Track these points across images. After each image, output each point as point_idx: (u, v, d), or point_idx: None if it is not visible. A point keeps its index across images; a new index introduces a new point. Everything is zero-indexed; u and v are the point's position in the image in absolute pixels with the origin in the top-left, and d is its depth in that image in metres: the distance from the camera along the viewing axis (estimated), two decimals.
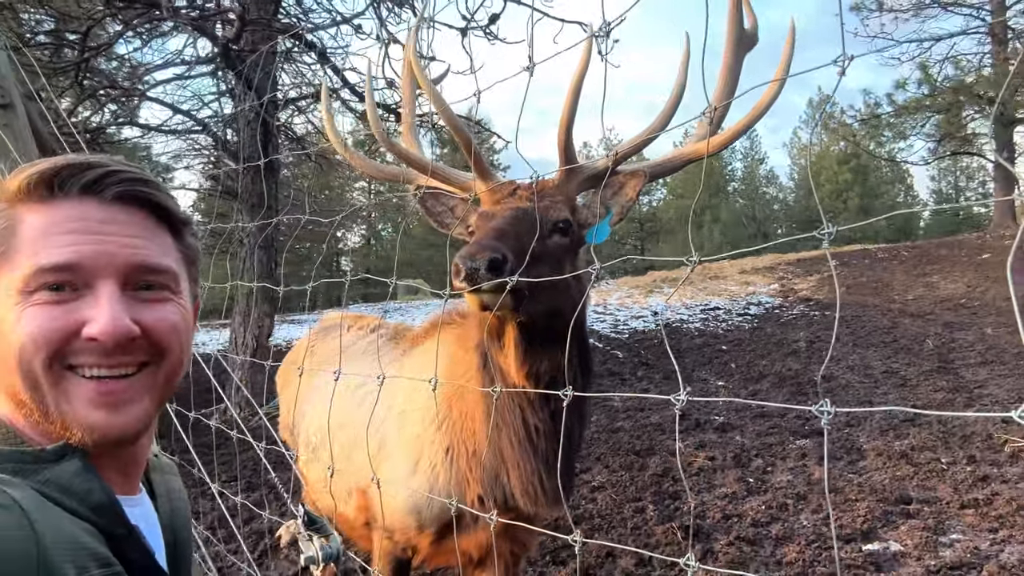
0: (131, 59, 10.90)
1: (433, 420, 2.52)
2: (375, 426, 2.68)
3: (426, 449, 2.53)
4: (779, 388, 9.36)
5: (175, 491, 1.10)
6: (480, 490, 2.42)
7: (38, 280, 0.84)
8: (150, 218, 0.94)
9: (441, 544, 2.57)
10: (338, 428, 2.79)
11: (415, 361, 2.77)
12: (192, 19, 7.18)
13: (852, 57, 0.99)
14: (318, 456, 2.99)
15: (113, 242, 0.88)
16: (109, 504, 0.85)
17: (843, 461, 6.25)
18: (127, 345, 0.88)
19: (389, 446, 2.66)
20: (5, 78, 2.73)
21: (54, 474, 0.82)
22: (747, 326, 15.17)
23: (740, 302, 18.39)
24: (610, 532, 5.06)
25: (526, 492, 2.31)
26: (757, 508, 5.30)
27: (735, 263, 26.47)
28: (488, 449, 2.32)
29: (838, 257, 22.67)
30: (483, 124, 17.58)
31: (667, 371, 10.84)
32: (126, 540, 0.85)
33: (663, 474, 6.23)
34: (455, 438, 2.47)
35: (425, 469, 2.50)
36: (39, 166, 0.87)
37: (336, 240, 39.68)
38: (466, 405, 2.46)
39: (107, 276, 0.87)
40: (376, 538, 2.77)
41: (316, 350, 3.33)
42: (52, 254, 0.85)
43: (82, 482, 0.83)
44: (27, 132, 2.86)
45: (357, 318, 3.44)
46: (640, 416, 8.34)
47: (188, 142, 13.58)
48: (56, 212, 0.87)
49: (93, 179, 0.88)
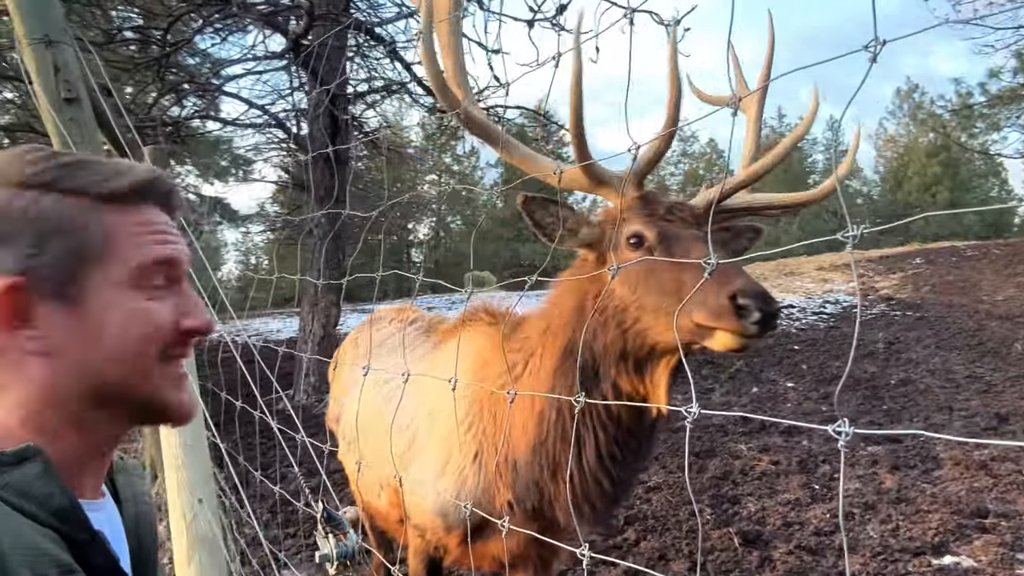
0: (210, 54, 11.30)
1: (461, 422, 2.47)
2: (406, 423, 2.66)
3: (455, 451, 2.48)
4: (852, 391, 8.95)
5: (140, 494, 1.09)
6: (510, 496, 2.35)
7: (152, 273, 0.93)
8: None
9: (470, 546, 2.53)
10: (370, 423, 2.78)
11: (445, 356, 2.72)
12: (262, 14, 7.35)
13: (884, 42, 0.89)
14: (352, 449, 3.00)
15: (180, 242, 1.00)
16: (71, 509, 0.83)
17: (917, 470, 5.91)
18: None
19: (418, 445, 2.63)
20: (72, 73, 2.82)
21: (13, 478, 0.81)
22: (822, 325, 14.60)
23: (816, 300, 17.72)
24: (664, 535, 4.93)
25: (576, 509, 2.22)
26: (821, 516, 5.07)
27: (812, 259, 25.52)
28: (532, 458, 2.23)
29: (924, 255, 21.60)
30: (549, 116, 17.45)
31: (733, 371, 10.53)
32: (89, 546, 0.84)
33: (723, 477, 6.05)
34: (486, 442, 2.40)
35: (453, 471, 2.45)
36: (132, 174, 0.95)
37: (406, 232, 40.27)
38: (502, 412, 2.37)
39: (184, 275, 1.00)
40: (410, 535, 2.76)
41: (360, 342, 3.36)
42: (161, 250, 0.95)
43: (43, 486, 0.82)
44: (92, 124, 2.95)
45: (399, 311, 3.44)
46: (702, 417, 8.07)
47: (267, 136, 14.00)
48: (148, 214, 0.96)
49: (167, 191, 0.99)
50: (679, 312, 1.77)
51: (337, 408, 3.37)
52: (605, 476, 2.17)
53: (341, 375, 3.56)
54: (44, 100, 2.76)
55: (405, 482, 2.63)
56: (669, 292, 1.84)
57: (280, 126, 11.67)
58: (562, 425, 2.16)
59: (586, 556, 1.29)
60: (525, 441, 2.26)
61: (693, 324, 1.78)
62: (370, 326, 3.11)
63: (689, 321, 1.78)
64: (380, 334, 3.30)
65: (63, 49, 2.78)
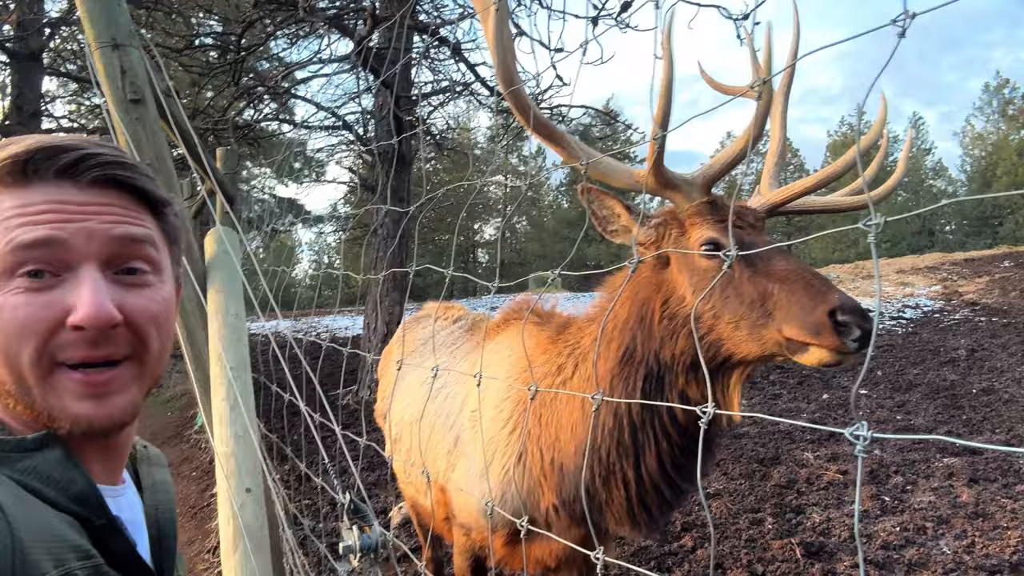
0: (282, 58, 11.65)
1: (505, 423, 2.44)
2: (450, 422, 2.65)
3: (499, 452, 2.44)
4: (931, 400, 8.52)
5: (161, 483, 1.08)
6: (555, 500, 2.30)
7: (16, 260, 0.81)
8: (130, 200, 0.91)
9: (514, 548, 2.50)
10: (415, 421, 2.78)
11: (487, 355, 2.69)
12: (327, 18, 7.51)
13: (914, 15, 0.82)
14: (399, 447, 3.02)
15: (93, 220, 0.86)
16: (90, 494, 0.83)
17: (997, 484, 5.57)
18: (111, 334, 0.85)
19: (463, 444, 2.61)
20: (138, 76, 2.92)
21: (34, 463, 0.81)
22: (900, 331, 13.97)
23: (895, 304, 16.98)
24: (722, 543, 4.79)
25: (627, 516, 2.18)
26: (890, 530, 4.83)
27: (893, 261, 24.52)
28: (581, 462, 2.16)
29: (1013, 257, 20.45)
30: (614, 115, 17.30)
31: (802, 375, 10.18)
32: (107, 531, 0.84)
33: (787, 485, 5.83)
34: (531, 445, 2.35)
35: (497, 472, 2.41)
36: (11, 148, 0.84)
37: (472, 233, 40.60)
38: (549, 414, 2.31)
39: (88, 258, 0.85)
40: (455, 533, 2.75)
41: (407, 339, 3.37)
42: (29, 232, 0.81)
43: (63, 471, 0.82)
44: (157, 126, 3.05)
45: (446, 308, 3.43)
46: (768, 423, 7.88)
47: (338, 138, 14.32)
48: (32, 194, 0.84)
49: (69, 162, 0.85)
50: (764, 324, 1.73)
51: (384, 405, 3.40)
52: (666, 484, 2.11)
53: (388, 372, 3.59)
54: (111, 101, 2.89)
55: (450, 481, 2.63)
56: (752, 303, 1.77)
57: (348, 128, 11.91)
58: (619, 431, 2.09)
59: (600, 560, 1.25)
60: (574, 445, 2.20)
61: (783, 338, 1.71)
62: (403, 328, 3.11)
63: (777, 334, 1.72)
64: (425, 331, 3.31)
65: (130, 52, 2.89)
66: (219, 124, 9.96)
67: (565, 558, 2.49)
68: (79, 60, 12.26)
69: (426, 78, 11.39)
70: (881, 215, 0.85)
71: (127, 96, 2.87)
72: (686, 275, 1.95)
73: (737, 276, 1.80)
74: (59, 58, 12.89)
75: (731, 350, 1.84)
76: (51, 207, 0.83)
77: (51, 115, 14.30)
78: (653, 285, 2.05)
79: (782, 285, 1.72)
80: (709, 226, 1.93)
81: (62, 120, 14.76)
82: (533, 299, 2.82)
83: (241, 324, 2.66)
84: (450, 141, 13.53)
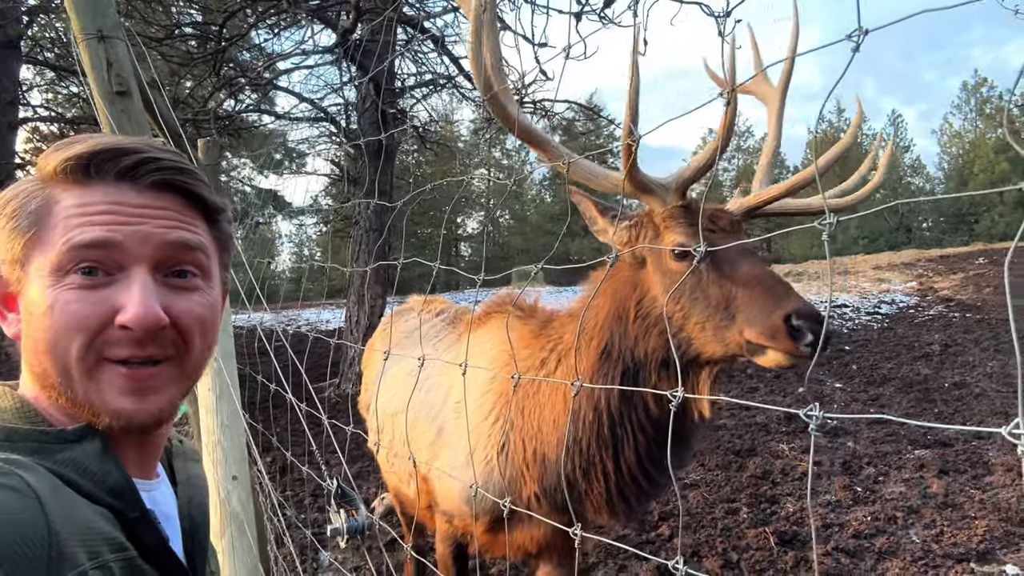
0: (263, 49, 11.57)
1: (488, 414, 2.50)
2: (434, 412, 2.70)
3: (480, 442, 2.50)
4: (904, 394, 8.70)
5: (195, 478, 1.10)
6: (537, 489, 2.37)
7: (72, 259, 0.84)
8: (186, 205, 0.94)
9: (495, 535, 2.56)
10: (398, 412, 2.83)
11: (469, 349, 2.73)
12: (311, 9, 7.49)
13: (867, 31, 0.88)
14: (382, 438, 3.06)
15: (149, 224, 0.88)
16: (126, 487, 0.85)
17: (966, 475, 5.72)
18: (157, 335, 0.87)
19: (446, 435, 2.66)
20: (123, 67, 2.93)
21: (73, 455, 0.83)
22: (876, 326, 14.22)
23: (871, 300, 17.27)
24: (698, 532, 4.90)
25: (606, 505, 2.25)
26: (862, 519, 4.96)
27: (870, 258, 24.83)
28: (562, 454, 2.23)
29: (988, 254, 20.82)
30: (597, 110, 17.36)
31: (779, 370, 10.33)
32: (141, 524, 0.85)
33: (762, 476, 5.96)
34: (513, 434, 2.41)
35: (480, 462, 2.47)
36: (76, 148, 0.86)
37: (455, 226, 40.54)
38: (534, 404, 2.37)
39: (141, 260, 0.87)
40: (438, 520, 2.81)
41: (390, 332, 3.41)
42: (87, 232, 0.84)
43: (100, 464, 0.84)
44: (142, 118, 3.06)
45: (428, 301, 3.48)
46: (745, 415, 8.01)
47: (319, 129, 14.26)
48: (92, 194, 0.86)
49: (130, 165, 0.87)
50: (727, 326, 1.81)
51: (368, 397, 3.44)
52: (643, 476, 2.19)
53: (372, 364, 3.63)
54: (97, 93, 2.90)
55: (433, 470, 2.68)
56: (717, 305, 1.85)
57: (330, 120, 11.88)
58: (599, 425, 2.16)
59: (578, 535, 1.31)
60: (556, 437, 2.26)
61: (743, 339, 1.79)
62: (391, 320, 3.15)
63: (739, 336, 1.79)
64: (408, 324, 3.36)
65: (115, 44, 2.90)
66: (199, 115, 9.89)
67: (546, 544, 2.55)
68: (57, 48, 12.10)
69: (409, 70, 11.37)
70: (834, 215, 0.91)
71: (113, 88, 2.88)
72: (659, 276, 2.02)
73: (705, 279, 1.88)
74: (37, 46, 12.70)
75: (698, 349, 1.92)
76: (109, 208, 0.86)
77: (28, 103, 14.12)
78: (630, 285, 2.12)
79: (745, 289, 1.80)
80: (681, 230, 2.00)
81: (39, 108, 14.58)
82: (516, 293, 2.86)
83: (226, 315, 2.69)
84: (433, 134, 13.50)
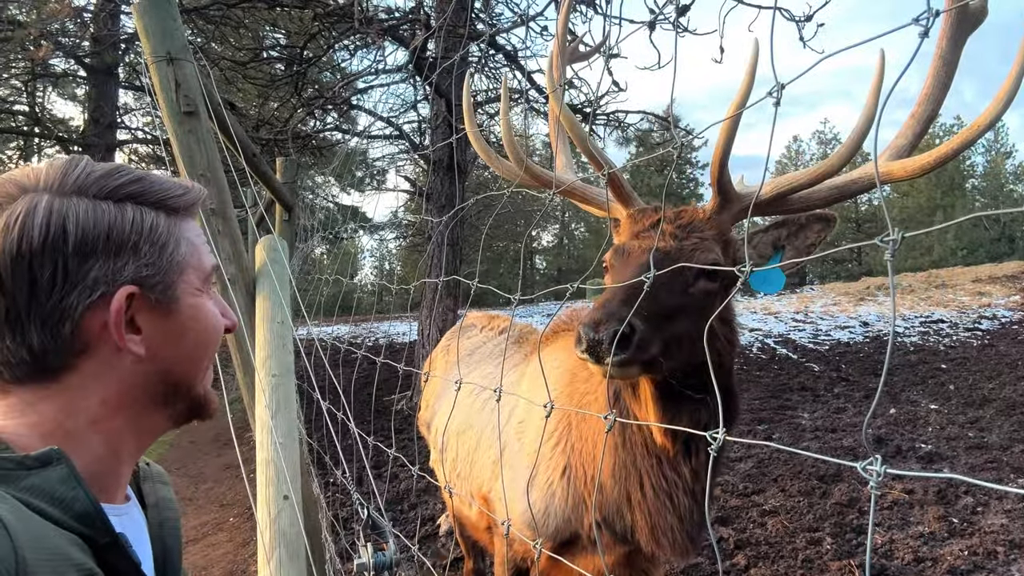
0: (343, 69, 11.89)
1: (550, 437, 2.40)
2: (496, 433, 2.62)
3: (543, 465, 2.41)
4: (1006, 416, 8.06)
5: (165, 500, 1.10)
6: (598, 516, 2.25)
7: (208, 279, 1.04)
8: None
9: (557, 562, 2.45)
10: (461, 432, 2.76)
11: (535, 369, 2.65)
12: (382, 29, 7.60)
13: (937, 13, 0.75)
14: (444, 457, 2.99)
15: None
16: (94, 512, 0.83)
17: None
18: None
19: (508, 455, 2.58)
20: (191, 88, 2.99)
21: (39, 481, 0.81)
22: (975, 343, 13.33)
23: (970, 315, 16.23)
24: (777, 562, 4.61)
25: (653, 538, 2.15)
26: (958, 553, 4.56)
27: (969, 270, 23.40)
28: (614, 484, 2.16)
29: None
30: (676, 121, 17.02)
31: (869, 389, 9.79)
32: (112, 550, 0.83)
33: (848, 504, 5.58)
34: (574, 459, 2.32)
35: (542, 485, 2.38)
36: (191, 193, 1.02)
37: (530, 239, 40.57)
38: (587, 429, 2.29)
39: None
40: (497, 544, 2.72)
41: (451, 349, 3.35)
42: (212, 258, 1.05)
43: (66, 490, 0.82)
44: (209, 136, 3.12)
45: (490, 318, 3.40)
46: (830, 438, 7.58)
47: (398, 147, 14.52)
48: (196, 226, 1.05)
49: (192, 202, 1.04)
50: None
51: (428, 414, 3.38)
52: (664, 508, 2.08)
53: (432, 381, 3.58)
54: (166, 113, 2.97)
55: (494, 491, 2.59)
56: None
57: (405, 137, 12.06)
58: (629, 453, 2.12)
59: None
60: (608, 463, 2.19)
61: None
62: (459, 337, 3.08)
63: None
64: (471, 342, 3.28)
65: (183, 66, 2.97)
66: (280, 134, 10.22)
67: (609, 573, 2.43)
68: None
69: (481, 86, 11.42)
70: (899, 231, 0.77)
71: (180, 108, 2.94)
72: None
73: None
74: (134, 72, 13.43)
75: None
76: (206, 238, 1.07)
77: (126, 127, 14.94)
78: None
79: (605, 296, 1.76)
80: (616, 240, 2.02)
81: (137, 132, 15.40)
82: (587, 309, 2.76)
83: (287, 330, 2.68)
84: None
